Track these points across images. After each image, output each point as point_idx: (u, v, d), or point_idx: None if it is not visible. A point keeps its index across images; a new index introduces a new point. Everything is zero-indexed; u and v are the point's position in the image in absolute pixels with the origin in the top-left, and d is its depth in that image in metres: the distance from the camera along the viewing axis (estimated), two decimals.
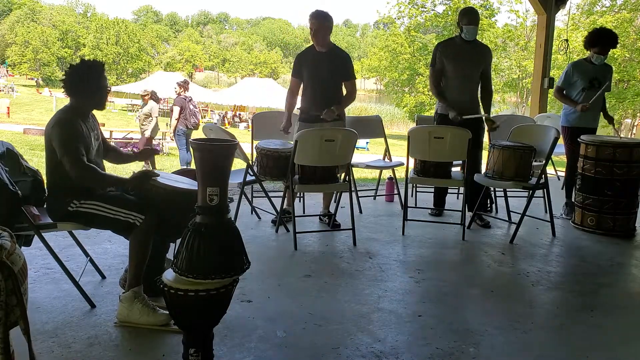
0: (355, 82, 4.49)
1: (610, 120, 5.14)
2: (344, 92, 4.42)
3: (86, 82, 2.73)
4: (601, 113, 5.09)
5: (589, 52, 4.90)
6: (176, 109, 9.29)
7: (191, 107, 9.51)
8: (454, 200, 5.44)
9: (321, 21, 4.26)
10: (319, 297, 3.08)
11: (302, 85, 4.41)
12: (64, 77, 2.75)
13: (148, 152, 3.28)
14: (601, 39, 4.82)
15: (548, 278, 3.53)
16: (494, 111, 25.10)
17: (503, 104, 29.15)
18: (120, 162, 3.24)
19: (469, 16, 4.46)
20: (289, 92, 4.52)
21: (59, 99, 26.39)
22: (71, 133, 2.64)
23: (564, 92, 4.97)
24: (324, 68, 4.27)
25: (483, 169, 4.64)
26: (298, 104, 4.58)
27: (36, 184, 2.93)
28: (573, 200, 4.89)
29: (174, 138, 9.80)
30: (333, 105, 4.23)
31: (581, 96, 4.87)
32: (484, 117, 4.54)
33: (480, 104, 4.68)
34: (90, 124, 2.81)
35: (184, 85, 9.61)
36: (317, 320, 2.76)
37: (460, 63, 4.49)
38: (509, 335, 2.69)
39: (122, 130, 16.39)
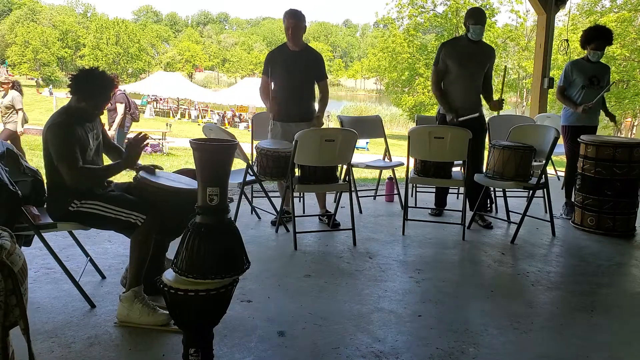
0: (327, 82, 4.54)
1: (612, 117, 5.14)
2: (317, 91, 4.47)
3: (102, 92, 2.76)
4: (602, 112, 5.10)
5: (585, 51, 4.92)
6: (121, 106, 8.88)
7: (131, 100, 9.15)
8: (454, 200, 5.44)
9: (298, 21, 4.29)
10: (319, 297, 3.08)
11: (272, 84, 4.40)
12: (84, 77, 2.74)
13: (135, 144, 2.79)
14: (596, 35, 4.84)
15: (548, 278, 3.53)
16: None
17: (505, 105, 29.16)
18: None
19: (476, 16, 4.47)
20: (261, 89, 4.49)
21: (59, 99, 26.36)
22: (66, 137, 2.64)
23: (565, 91, 4.98)
24: (296, 67, 4.28)
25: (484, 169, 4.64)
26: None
27: (36, 184, 2.93)
28: (573, 200, 4.89)
29: (114, 136, 8.91)
30: (305, 106, 4.34)
31: (581, 94, 4.88)
32: (490, 105, 4.64)
33: (487, 103, 4.71)
34: (90, 124, 2.81)
35: (115, 80, 9.33)
36: (317, 320, 2.76)
37: (466, 63, 4.49)
38: (509, 335, 2.69)
39: None
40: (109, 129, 9.00)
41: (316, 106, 4.53)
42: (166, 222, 2.72)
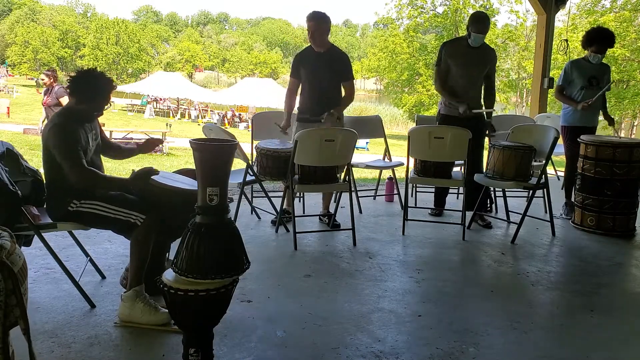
0: (353, 82, 4.49)
1: (610, 121, 5.13)
2: (343, 92, 4.42)
3: (102, 93, 2.75)
4: (601, 112, 5.10)
5: (586, 51, 4.91)
6: (64, 100, 7.73)
7: None
8: (454, 200, 5.44)
9: (319, 23, 4.26)
10: (319, 297, 3.08)
11: (300, 86, 4.41)
12: (83, 79, 2.73)
13: (151, 142, 3.15)
14: (597, 38, 4.83)
15: (548, 278, 3.53)
16: (503, 111, 25.21)
17: (508, 104, 29.19)
18: (123, 157, 3.22)
19: (479, 25, 4.42)
20: (288, 92, 4.51)
21: None
22: (68, 138, 2.64)
23: (564, 91, 4.98)
24: (322, 68, 4.26)
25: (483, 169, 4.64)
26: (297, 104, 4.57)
27: (36, 184, 2.93)
28: (573, 200, 4.89)
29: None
30: (332, 107, 4.23)
31: (580, 94, 4.88)
32: (486, 121, 4.59)
33: (483, 104, 4.68)
34: (89, 124, 2.81)
35: (53, 75, 8.25)
36: (317, 320, 2.76)
37: (466, 65, 4.49)
38: (509, 335, 2.69)
39: (122, 130, 16.39)
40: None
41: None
42: (168, 222, 2.73)
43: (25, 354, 1.86)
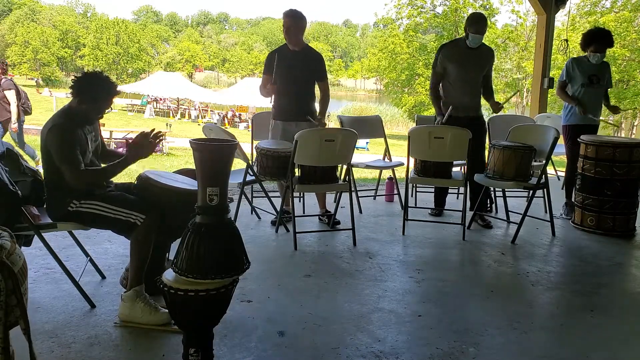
0: (327, 82, 4.54)
1: (615, 109, 5.12)
2: (317, 91, 4.48)
3: (106, 96, 2.76)
4: (605, 107, 5.10)
5: (586, 53, 4.91)
6: (11, 94, 7.09)
7: (21, 89, 7.58)
8: (454, 200, 5.44)
9: (295, 20, 4.29)
10: (319, 297, 3.08)
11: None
12: (88, 80, 2.74)
13: (140, 141, 2.75)
14: (595, 38, 4.84)
15: (548, 278, 3.53)
16: (503, 111, 25.11)
17: (508, 104, 29.21)
18: None
19: (477, 26, 4.43)
20: (262, 87, 4.45)
21: (59, 99, 26.36)
22: (67, 140, 2.63)
23: (566, 87, 4.98)
24: (297, 67, 4.28)
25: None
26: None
27: (36, 184, 2.93)
28: (573, 200, 4.89)
29: (15, 130, 7.29)
30: (305, 106, 4.34)
31: (580, 92, 4.88)
32: (490, 103, 4.69)
33: (487, 102, 4.72)
34: (89, 126, 2.81)
35: (2, 67, 7.43)
36: (317, 320, 2.76)
37: (464, 67, 4.50)
38: (509, 335, 2.69)
39: (122, 130, 16.37)
40: (11, 124, 7.29)
41: (317, 106, 4.52)
42: (168, 222, 2.72)
43: (25, 354, 1.86)
